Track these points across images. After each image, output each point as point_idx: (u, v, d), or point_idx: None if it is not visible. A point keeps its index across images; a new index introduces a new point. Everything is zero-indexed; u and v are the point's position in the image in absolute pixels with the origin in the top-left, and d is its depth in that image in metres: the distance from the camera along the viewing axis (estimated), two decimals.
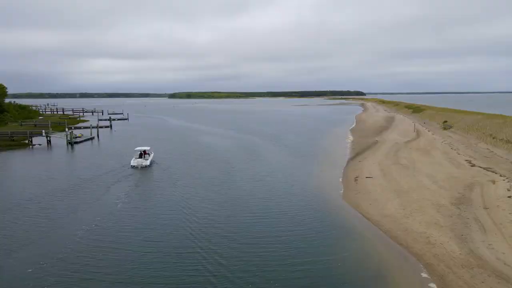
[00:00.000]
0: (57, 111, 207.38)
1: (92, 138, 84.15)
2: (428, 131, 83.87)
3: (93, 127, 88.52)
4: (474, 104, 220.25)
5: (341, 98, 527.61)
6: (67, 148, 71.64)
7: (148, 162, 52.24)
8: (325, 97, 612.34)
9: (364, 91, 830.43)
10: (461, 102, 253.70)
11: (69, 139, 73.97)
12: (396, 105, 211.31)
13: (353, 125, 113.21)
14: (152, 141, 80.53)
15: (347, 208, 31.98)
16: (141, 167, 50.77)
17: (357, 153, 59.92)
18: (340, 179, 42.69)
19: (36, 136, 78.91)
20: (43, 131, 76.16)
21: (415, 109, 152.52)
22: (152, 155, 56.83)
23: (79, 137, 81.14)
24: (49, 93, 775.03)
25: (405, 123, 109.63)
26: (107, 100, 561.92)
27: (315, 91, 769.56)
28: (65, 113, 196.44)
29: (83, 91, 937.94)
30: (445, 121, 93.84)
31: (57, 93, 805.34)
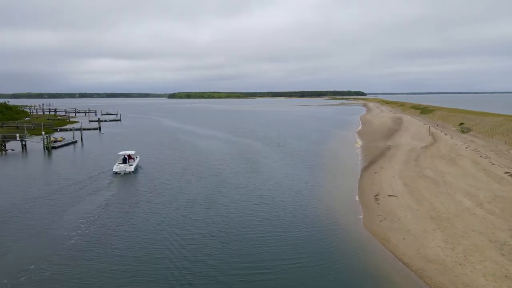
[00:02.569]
0: (49, 112, 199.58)
1: (74, 142, 76.41)
2: (445, 134, 75.96)
3: (76, 130, 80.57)
4: (479, 104, 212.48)
5: (342, 98, 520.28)
6: (44, 153, 64.03)
7: (132, 168, 47.14)
8: (326, 97, 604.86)
9: (365, 91, 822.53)
10: (465, 102, 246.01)
11: (46, 143, 66.22)
12: (401, 105, 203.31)
13: (360, 127, 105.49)
14: (142, 144, 73.55)
15: (373, 244, 24.14)
16: (124, 173, 46.03)
17: (371, 161, 52.16)
18: (357, 197, 34.88)
19: (12, 140, 71.33)
20: (17, 135, 68.34)
21: (423, 110, 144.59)
22: (137, 160, 51.85)
23: (59, 141, 73.52)
24: (48, 93, 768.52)
25: (415, 125, 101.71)
26: (106, 100, 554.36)
27: (316, 91, 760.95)
28: (57, 113, 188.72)
29: (83, 91, 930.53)
30: (462, 123, 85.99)
31: (56, 93, 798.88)
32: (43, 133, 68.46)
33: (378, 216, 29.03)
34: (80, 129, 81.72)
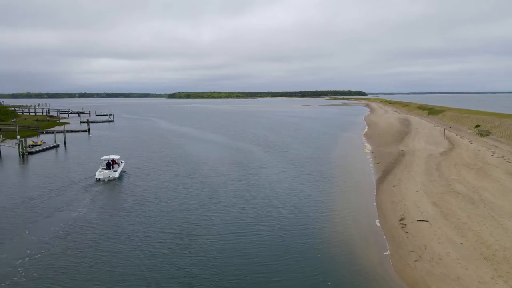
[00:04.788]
0: (42, 112, 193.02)
1: (56, 146, 69.79)
2: (461, 137, 69.25)
3: (58, 132, 73.87)
4: (483, 104, 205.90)
5: (343, 98, 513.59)
6: (19, 160, 57.49)
7: (116, 174, 42.92)
8: (326, 97, 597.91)
9: (366, 91, 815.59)
10: (469, 102, 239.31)
11: (22, 148, 59.61)
12: (405, 105, 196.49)
13: (366, 129, 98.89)
14: (132, 147, 67.66)
15: None
16: (107, 179, 41.91)
17: (385, 171, 45.53)
18: (377, 222, 28.20)
19: None
20: None
21: (431, 111, 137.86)
22: (122, 165, 47.44)
23: (39, 145, 66.99)
24: (48, 93, 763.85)
25: (426, 126, 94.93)
26: (105, 100, 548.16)
27: (316, 91, 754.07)
28: (50, 113, 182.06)
29: (83, 91, 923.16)
30: (478, 125, 79.31)
31: (56, 93, 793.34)
32: (18, 136, 61.77)
33: (410, 252, 22.34)
34: (63, 132, 74.98)
